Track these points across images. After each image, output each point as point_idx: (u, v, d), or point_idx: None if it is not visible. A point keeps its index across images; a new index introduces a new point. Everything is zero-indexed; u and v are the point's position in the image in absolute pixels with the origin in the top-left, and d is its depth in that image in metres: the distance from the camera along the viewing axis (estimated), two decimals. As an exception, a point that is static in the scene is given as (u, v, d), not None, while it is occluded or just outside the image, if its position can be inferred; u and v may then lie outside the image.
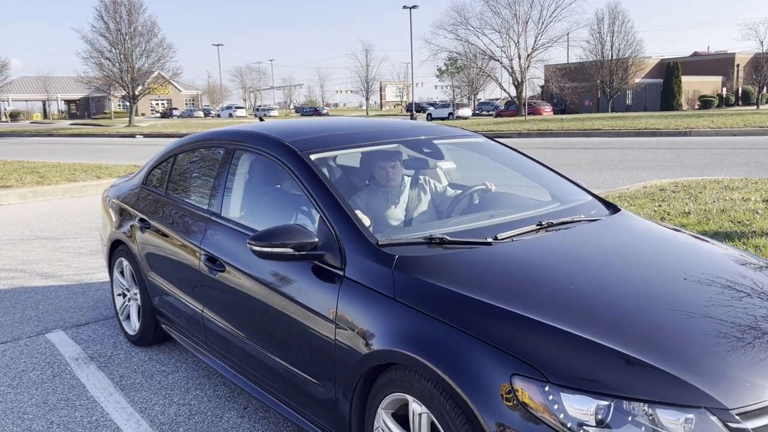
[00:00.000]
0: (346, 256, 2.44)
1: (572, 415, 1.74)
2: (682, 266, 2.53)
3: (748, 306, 2.17)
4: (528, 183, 3.40)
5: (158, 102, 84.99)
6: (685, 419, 1.70)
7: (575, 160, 14.75)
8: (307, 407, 2.64)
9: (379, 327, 2.21)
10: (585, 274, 2.38)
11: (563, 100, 54.05)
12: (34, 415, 3.27)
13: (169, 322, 3.83)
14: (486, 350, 1.90)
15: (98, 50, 45.69)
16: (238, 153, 3.33)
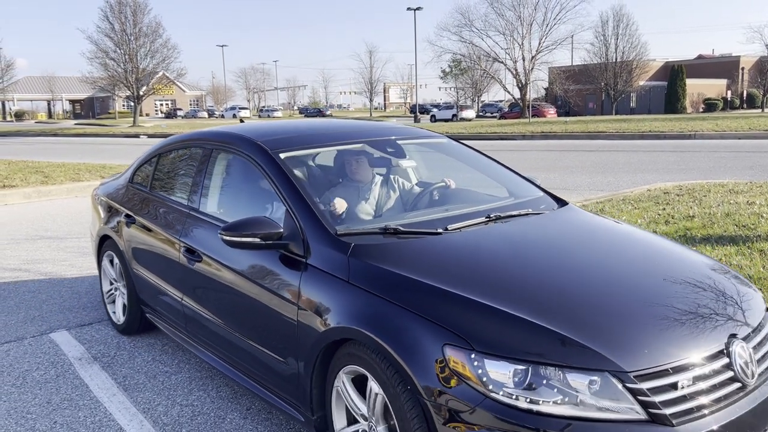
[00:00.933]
0: (308, 245, 2.70)
1: (494, 378, 2.00)
2: (607, 251, 2.85)
3: (657, 286, 2.47)
4: (488, 181, 3.69)
5: (162, 102, 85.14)
6: (590, 381, 1.97)
7: (579, 162, 14.73)
8: (275, 384, 2.88)
9: (335, 307, 2.47)
10: (518, 259, 2.67)
11: (567, 103, 53.98)
12: (37, 415, 3.28)
13: (153, 311, 4.06)
14: (423, 324, 2.17)
15: (103, 50, 45.81)
16: (215, 152, 3.60)
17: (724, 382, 2.11)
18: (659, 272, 2.62)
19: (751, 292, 2.61)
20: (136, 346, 4.17)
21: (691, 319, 2.24)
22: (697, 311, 2.30)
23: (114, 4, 45.40)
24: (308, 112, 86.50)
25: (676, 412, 1.97)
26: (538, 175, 4.13)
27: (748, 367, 2.17)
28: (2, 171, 13.62)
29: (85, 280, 5.77)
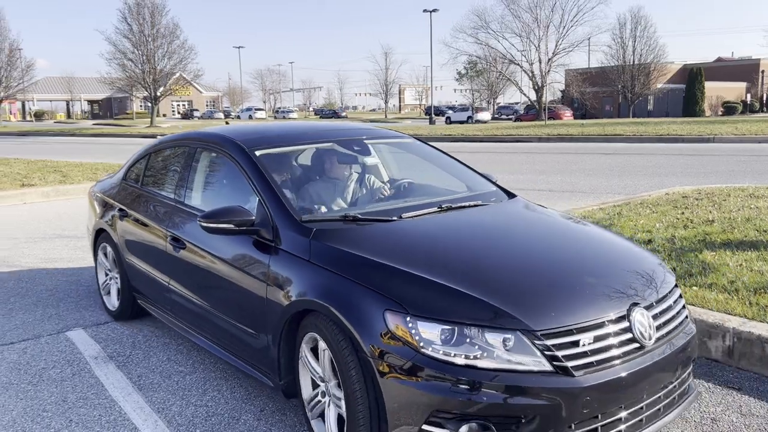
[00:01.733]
0: (277, 230, 3.06)
1: (425, 337, 2.36)
2: (536, 234, 3.31)
3: (573, 262, 2.89)
4: (449, 177, 4.09)
5: (179, 103, 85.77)
6: (504, 339, 2.34)
7: (596, 165, 14.61)
8: (249, 355, 3.25)
9: (297, 283, 2.85)
10: (457, 240, 3.05)
11: (584, 105, 53.62)
12: (53, 413, 3.30)
13: (143, 297, 4.45)
14: (368, 294, 2.54)
15: (121, 51, 46.25)
16: (200, 151, 4.03)
17: (625, 342, 2.47)
18: (578, 251, 3.06)
19: (661, 272, 2.96)
20: (151, 346, 4.18)
21: (597, 289, 2.62)
22: (605, 283, 2.67)
23: (132, 5, 45.84)
24: (323, 114, 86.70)
25: (577, 365, 2.33)
26: (553, 178, 4.26)
27: (646, 331, 2.54)
28: (22, 170, 13.78)
29: (102, 279, 5.81)
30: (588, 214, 7.05)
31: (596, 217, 6.79)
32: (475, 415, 2.30)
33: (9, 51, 53.61)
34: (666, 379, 2.59)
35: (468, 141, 26.18)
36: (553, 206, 8.70)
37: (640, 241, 5.54)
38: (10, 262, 6.54)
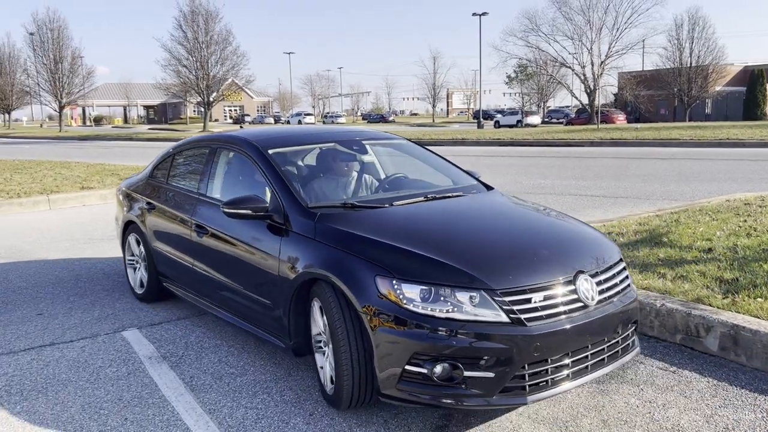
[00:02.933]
0: (287, 215, 3.64)
1: (407, 296, 2.92)
2: (505, 216, 3.94)
3: (532, 238, 3.51)
4: (436, 173, 4.67)
5: (231, 108, 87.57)
6: (470, 296, 2.90)
7: (651, 170, 14.20)
8: (264, 323, 3.82)
9: (303, 258, 3.43)
10: (437, 221, 3.68)
11: (638, 109, 52.29)
12: (109, 411, 3.37)
13: (169, 280, 5.01)
14: (362, 263, 3.11)
15: (176, 58, 47.51)
16: (219, 150, 4.64)
17: (571, 302, 3.02)
18: (538, 231, 3.68)
19: (608, 249, 3.52)
20: (203, 347, 4.25)
21: (549, 259, 3.19)
22: (557, 255, 3.24)
23: (187, 13, 47.07)
24: (371, 118, 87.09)
25: (529, 318, 2.91)
26: (606, 183, 4.41)
27: (589, 293, 3.09)
28: (81, 173, 14.27)
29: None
30: (644, 221, 6.84)
31: (652, 225, 6.58)
32: (447, 357, 2.87)
33: (71, 59, 55.82)
34: (607, 333, 3.14)
35: (517, 145, 25.85)
36: (606, 213, 8.53)
37: (699, 249, 5.34)
38: (69, 263, 6.77)
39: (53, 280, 6.07)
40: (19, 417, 3.33)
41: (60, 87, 54.72)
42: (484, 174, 4.48)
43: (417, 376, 2.91)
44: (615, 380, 3.57)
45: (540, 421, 3.15)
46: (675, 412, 3.19)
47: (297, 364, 3.91)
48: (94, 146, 33.15)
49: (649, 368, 3.72)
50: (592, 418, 3.16)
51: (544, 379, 2.96)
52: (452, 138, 29.89)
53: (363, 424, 3.17)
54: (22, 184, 12.46)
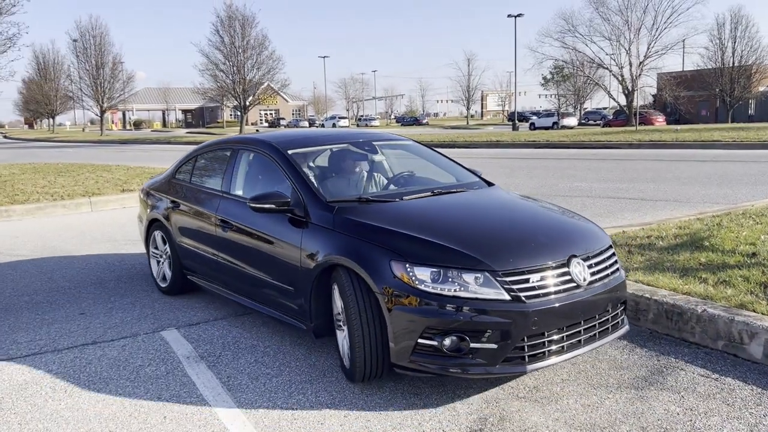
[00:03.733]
0: (307, 209, 4.01)
1: (419, 278, 3.27)
2: (505, 208, 4.31)
3: (530, 226, 3.92)
4: (441, 172, 5.01)
5: (267, 112, 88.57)
6: (475, 277, 3.26)
7: (692, 173, 13.89)
8: (286, 308, 4.16)
9: (323, 247, 3.79)
10: (444, 213, 4.07)
11: (677, 110, 51.15)
12: (149, 409, 3.44)
13: (193, 273, 5.33)
14: (378, 250, 3.47)
15: (213, 63, 48.20)
16: (240, 152, 5.02)
17: (565, 282, 3.37)
18: (536, 221, 4.07)
19: (600, 234, 3.93)
20: (239, 347, 4.30)
21: (546, 245, 3.54)
22: (553, 242, 3.60)
23: (224, 18, 47.73)
24: (405, 121, 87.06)
25: (527, 295, 3.25)
26: (645, 186, 4.50)
27: (581, 274, 3.44)
28: (122, 176, 14.60)
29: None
30: (684, 225, 6.69)
31: (693, 228, 6.43)
32: (455, 330, 3.22)
33: (112, 64, 57.21)
34: (598, 311, 3.49)
35: (553, 147, 25.55)
36: (644, 216, 8.37)
37: (742, 253, 5.20)
38: (110, 264, 6.93)
39: (95, 281, 6.22)
40: (64, 413, 3.42)
41: (101, 92, 56.12)
42: (518, 176, 4.89)
43: (428, 348, 3.26)
44: (654, 387, 3.50)
45: (577, 427, 3.11)
46: (717, 421, 3.11)
47: (331, 366, 3.93)
48: (133, 149, 33.89)
49: (690, 375, 3.63)
50: (631, 425, 3.10)
51: (541, 350, 3.31)
52: (486, 140, 29.70)
53: (397, 427, 3.17)
54: (65, 186, 12.81)
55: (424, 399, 3.45)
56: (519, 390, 3.52)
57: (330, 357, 4.07)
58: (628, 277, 4.77)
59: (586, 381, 3.60)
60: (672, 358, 3.87)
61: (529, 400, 3.39)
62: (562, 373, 3.71)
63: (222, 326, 4.75)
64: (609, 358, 3.92)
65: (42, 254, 7.55)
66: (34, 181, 13.88)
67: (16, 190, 12.25)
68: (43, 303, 5.52)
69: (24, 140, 57.35)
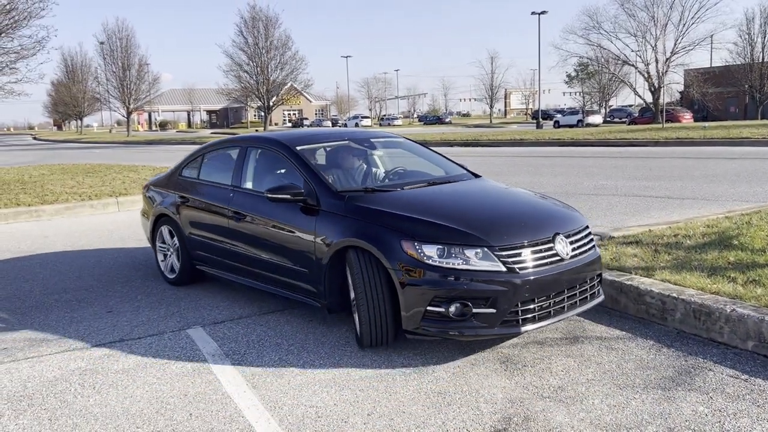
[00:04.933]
0: (319, 199, 4.49)
1: (427, 254, 3.77)
2: (494, 195, 4.85)
3: (519, 210, 4.46)
4: (431, 165, 5.58)
5: (290, 112, 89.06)
6: (476, 252, 3.76)
7: (720, 171, 13.65)
8: (301, 289, 4.62)
9: (336, 232, 4.26)
10: (442, 199, 4.59)
11: (705, 107, 50.27)
12: (175, 406, 3.48)
13: (203, 263, 5.68)
14: (389, 232, 3.97)
15: (237, 63, 48.67)
16: (249, 149, 5.43)
17: (551, 256, 3.93)
18: (524, 205, 4.62)
19: (578, 216, 4.51)
20: (264, 346, 4.33)
21: (534, 225, 4.10)
22: (539, 222, 4.17)
23: (248, 19, 48.15)
24: (427, 120, 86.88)
25: (520, 267, 3.79)
26: (672, 184, 4.70)
27: (564, 250, 4.01)
28: (148, 176, 14.79)
29: (218, 280, 6.12)
30: (712, 223, 6.58)
31: (722, 227, 6.32)
32: (459, 298, 3.72)
33: (138, 66, 58.06)
34: (578, 281, 4.06)
35: (578, 145, 25.29)
36: (671, 214, 8.25)
37: (773, 252, 5.10)
38: (137, 262, 7.03)
39: (122, 279, 6.32)
40: (93, 409, 3.48)
41: (128, 93, 56.99)
42: (542, 174, 5.18)
43: (436, 314, 3.76)
44: (682, 387, 3.45)
45: (602, 427, 3.07)
46: (747, 422, 3.06)
47: (356, 364, 3.95)
48: (159, 150, 34.32)
49: (718, 376, 3.57)
50: (658, 425, 3.06)
51: (532, 315, 3.84)
52: (510, 138, 29.51)
53: (420, 426, 3.17)
54: (93, 186, 13.02)
55: (447, 398, 3.44)
56: (544, 390, 3.50)
57: (354, 355, 4.09)
58: (654, 276, 4.72)
59: (612, 381, 3.56)
60: (700, 359, 3.81)
61: (554, 400, 3.37)
62: (588, 373, 3.68)
63: (246, 324, 4.79)
64: (635, 358, 3.87)
65: (71, 253, 7.69)
66: (63, 182, 14.14)
67: (46, 191, 12.49)
68: (72, 301, 5.62)
69: (52, 141, 58.44)
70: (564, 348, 4.08)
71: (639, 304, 4.54)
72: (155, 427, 3.25)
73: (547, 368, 3.77)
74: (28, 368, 4.10)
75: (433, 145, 30.20)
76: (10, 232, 9.39)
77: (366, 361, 3.99)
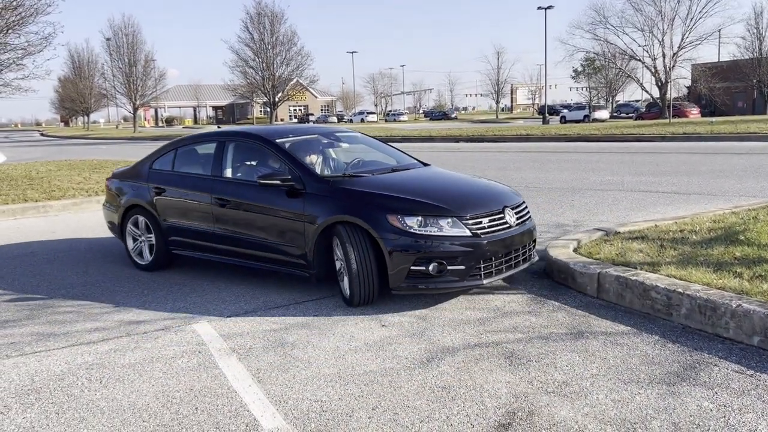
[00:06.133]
0: (305, 183, 5.27)
1: (408, 224, 4.67)
2: (451, 180, 5.81)
3: (475, 191, 5.47)
4: (384, 156, 6.51)
5: (296, 108, 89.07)
6: (447, 221, 4.72)
7: (727, 166, 13.58)
8: (289, 263, 5.36)
9: (325, 210, 5.06)
10: (409, 182, 5.54)
11: (713, 102, 50.01)
12: (181, 400, 3.51)
13: (180, 247, 6.25)
14: (375, 208, 4.84)
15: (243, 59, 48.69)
16: (227, 143, 6.08)
17: (502, 224, 4.96)
18: (476, 185, 5.69)
19: (517, 194, 5.61)
20: (269, 341, 4.35)
21: (489, 199, 5.17)
22: (492, 197, 5.25)
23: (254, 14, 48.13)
24: (433, 115, 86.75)
25: (481, 233, 4.78)
26: (679, 179, 4.88)
27: (511, 219, 5.06)
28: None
29: (224, 276, 6.14)
30: (719, 219, 6.56)
31: (728, 222, 6.30)
32: (437, 258, 4.65)
33: (144, 62, 58.12)
34: (520, 245, 5.11)
35: (584, 141, 25.21)
36: (677, 210, 8.23)
37: (780, 247, 5.07)
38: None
39: (129, 275, 6.35)
40: (100, 403, 3.51)
41: (134, 89, 57.07)
42: (549, 170, 5.59)
43: (418, 273, 4.67)
44: (686, 382, 3.45)
45: (607, 422, 3.08)
46: (752, 417, 3.06)
47: (361, 360, 3.96)
48: (166, 146, 34.32)
49: (723, 371, 3.57)
50: (662, 420, 3.06)
51: (490, 270, 4.84)
52: (516, 134, 29.44)
53: (425, 420, 3.18)
54: (99, 182, 13.07)
55: (451, 392, 3.45)
56: (548, 385, 3.50)
57: (359, 350, 4.10)
58: (659, 271, 4.72)
59: (617, 376, 3.56)
60: (705, 354, 3.81)
61: (558, 395, 3.37)
62: (592, 368, 3.68)
63: (252, 320, 4.81)
64: (640, 353, 3.87)
65: (78, 249, 7.73)
66: (70, 178, 14.21)
67: (53, 186, 12.55)
68: (79, 296, 5.65)
69: (60, 137, 58.65)
70: (569, 343, 4.08)
71: (644, 299, 4.53)
72: (161, 421, 3.28)
73: (552, 363, 3.78)
74: (35, 362, 4.13)
75: (438, 141, 30.21)
76: (18, 228, 9.44)
77: (370, 356, 4.00)
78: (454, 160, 18.29)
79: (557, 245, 5.93)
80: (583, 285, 5.05)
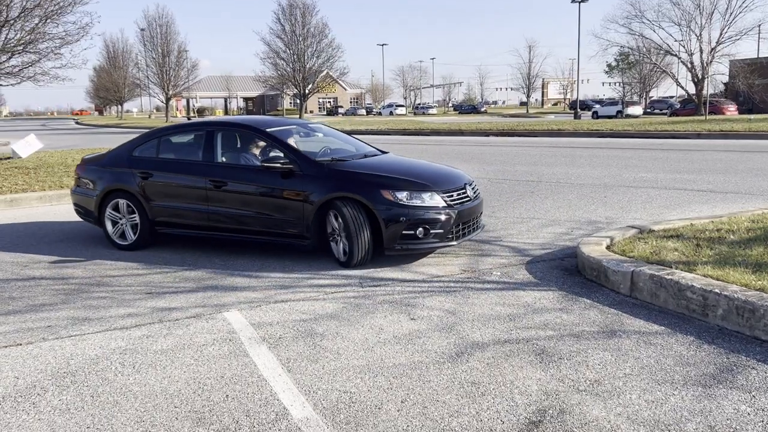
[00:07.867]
0: (300, 166, 6.20)
1: (399, 197, 5.88)
2: (416, 164, 7.05)
3: (441, 171, 6.70)
4: (346, 145, 7.43)
5: (325, 100, 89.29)
6: (429, 195, 6.00)
7: (766, 164, 13.24)
8: (287, 236, 6.26)
9: (322, 189, 6.03)
10: (388, 165, 6.63)
11: (751, 99, 48.75)
12: (212, 387, 3.54)
13: (168, 227, 6.87)
14: (369, 185, 5.98)
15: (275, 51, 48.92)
16: (217, 132, 6.86)
17: (465, 196, 6.30)
18: (442, 168, 6.92)
19: (469, 176, 6.81)
20: (299, 330, 4.37)
21: (454, 178, 6.47)
22: (456, 177, 6.52)
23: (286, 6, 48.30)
24: (462, 109, 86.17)
25: (453, 204, 6.10)
26: (715, 177, 4.74)
27: (471, 193, 6.45)
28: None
29: (255, 264, 6.18)
30: (757, 218, 6.40)
31: (767, 223, 6.14)
32: (423, 223, 5.83)
33: (177, 52, 58.73)
34: (476, 214, 6.42)
35: (617, 137, 24.81)
36: (714, 209, 8.05)
37: (822, 249, 4.92)
38: (176, 246, 7.15)
39: (161, 262, 6.44)
40: (133, 388, 3.57)
41: (167, 79, 57.73)
42: (580, 165, 5.72)
43: (408, 236, 5.83)
44: (723, 385, 3.37)
45: (640, 422, 3.03)
46: (791, 423, 2.97)
47: (390, 353, 3.96)
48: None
49: (762, 375, 3.48)
50: (698, 423, 3.00)
51: (459, 234, 6.11)
52: (547, 129, 29.09)
53: (454, 414, 3.16)
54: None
55: (481, 388, 3.43)
56: (579, 383, 3.45)
57: (388, 343, 4.10)
58: (695, 271, 4.64)
59: (650, 376, 3.50)
60: (743, 357, 3.72)
61: (591, 394, 3.33)
62: (625, 368, 3.62)
63: (282, 309, 4.84)
64: (675, 353, 3.80)
65: (112, 236, 7.86)
66: (104, 166, 14.41)
67: (88, 174, 12.75)
68: (113, 283, 5.75)
69: (94, 126, 59.69)
70: (601, 341, 4.03)
71: (679, 299, 4.44)
72: (192, 407, 3.32)
73: (584, 361, 3.73)
74: (71, 346, 4.21)
75: (467, 135, 30.00)
76: (55, 213, 9.64)
77: (399, 348, 4.00)
78: (485, 154, 18.15)
79: (589, 242, 5.84)
80: (616, 283, 4.98)
